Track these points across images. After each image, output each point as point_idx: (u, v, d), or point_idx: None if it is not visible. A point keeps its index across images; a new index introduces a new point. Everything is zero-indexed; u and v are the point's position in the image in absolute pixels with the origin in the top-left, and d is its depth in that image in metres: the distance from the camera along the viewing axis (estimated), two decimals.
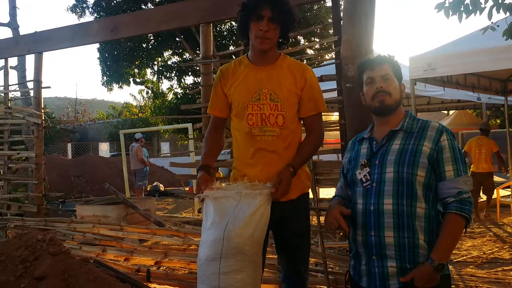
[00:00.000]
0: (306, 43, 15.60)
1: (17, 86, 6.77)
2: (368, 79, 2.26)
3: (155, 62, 18.48)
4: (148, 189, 14.52)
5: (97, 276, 3.30)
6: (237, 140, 2.72)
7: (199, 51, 4.67)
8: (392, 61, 2.28)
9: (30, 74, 10.80)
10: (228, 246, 2.36)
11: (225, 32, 16.76)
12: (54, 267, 3.18)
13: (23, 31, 15.82)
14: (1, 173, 6.32)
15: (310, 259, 3.11)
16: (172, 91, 19.75)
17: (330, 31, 12.39)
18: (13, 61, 6.20)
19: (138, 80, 19.32)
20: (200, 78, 4.69)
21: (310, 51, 15.24)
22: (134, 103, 34.40)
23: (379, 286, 2.11)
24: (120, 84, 18.53)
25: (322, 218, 3.32)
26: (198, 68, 15.17)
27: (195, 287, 4.32)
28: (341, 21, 3.68)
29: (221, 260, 2.38)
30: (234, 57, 6.33)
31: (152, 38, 16.95)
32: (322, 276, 3.91)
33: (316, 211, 3.96)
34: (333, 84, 3.85)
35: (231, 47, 16.06)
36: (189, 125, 11.76)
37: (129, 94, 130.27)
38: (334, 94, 3.86)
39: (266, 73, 2.64)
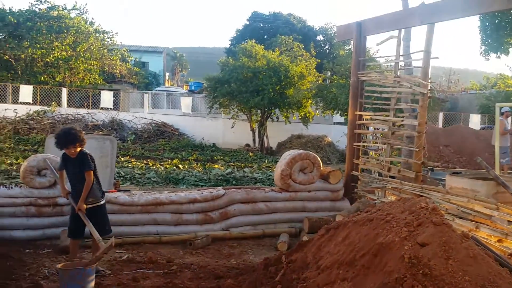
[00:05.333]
0: None
1: (403, 56, 7.08)
2: None
3: None
4: None
5: (477, 254, 3.23)
6: None
7: None
8: None
9: (413, 45, 11.26)
10: None
11: None
12: (435, 237, 3.27)
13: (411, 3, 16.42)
14: (380, 137, 6.82)
15: None
16: None
17: None
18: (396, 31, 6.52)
19: None
20: None
21: None
22: (509, 74, 31.31)
23: None
24: (498, 53, 17.69)
25: None
26: None
27: None
28: None
29: None
30: None
31: None
32: None
33: None
34: None
35: None
36: None
37: (505, 65, 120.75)
38: None
39: None
